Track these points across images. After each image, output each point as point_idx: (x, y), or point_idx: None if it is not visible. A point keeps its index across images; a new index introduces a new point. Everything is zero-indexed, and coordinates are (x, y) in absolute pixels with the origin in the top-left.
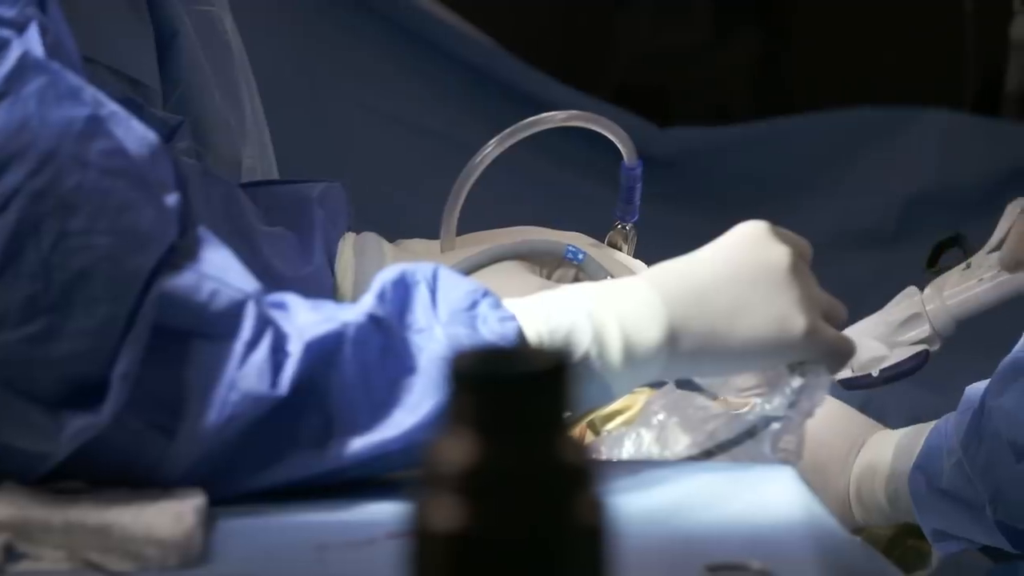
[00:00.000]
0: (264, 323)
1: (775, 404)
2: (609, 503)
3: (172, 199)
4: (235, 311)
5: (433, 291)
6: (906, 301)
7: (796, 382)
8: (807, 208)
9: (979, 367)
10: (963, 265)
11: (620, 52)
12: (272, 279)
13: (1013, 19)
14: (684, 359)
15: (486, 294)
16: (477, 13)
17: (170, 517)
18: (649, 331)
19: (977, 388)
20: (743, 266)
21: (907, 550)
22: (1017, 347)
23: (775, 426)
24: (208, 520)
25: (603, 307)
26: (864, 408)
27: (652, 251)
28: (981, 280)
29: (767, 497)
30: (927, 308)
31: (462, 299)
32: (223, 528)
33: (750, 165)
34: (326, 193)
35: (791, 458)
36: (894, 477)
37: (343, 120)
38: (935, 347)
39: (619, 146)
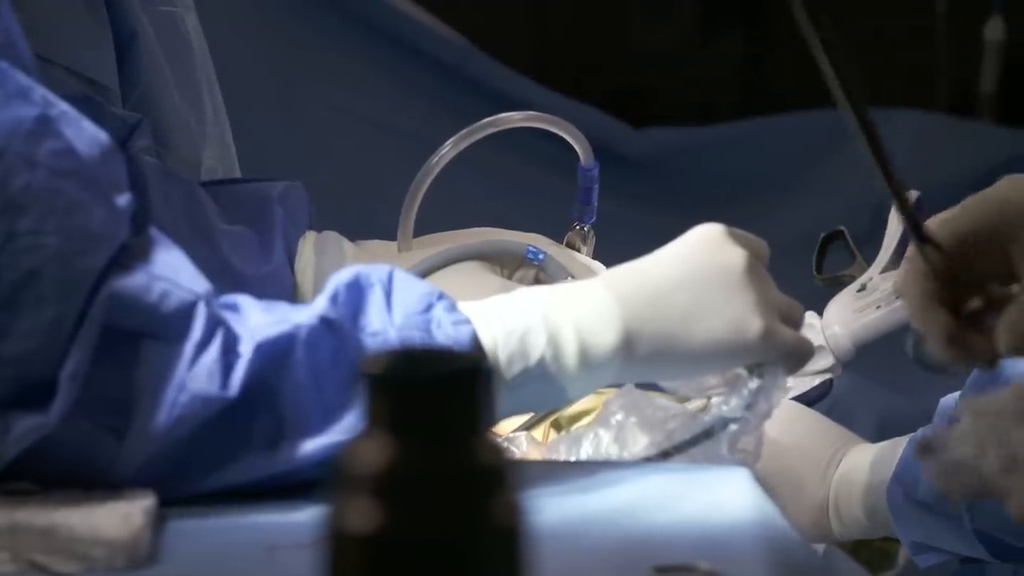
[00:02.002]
0: (215, 324)
1: (732, 405)
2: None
3: (123, 200)
4: (186, 312)
5: (388, 293)
6: (807, 333)
7: (753, 384)
8: (780, 209)
9: None
10: (857, 286)
11: (606, 53)
12: (231, 277)
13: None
14: (640, 362)
15: (441, 297)
16: (461, 15)
17: (118, 518)
18: (605, 334)
19: (951, 398)
20: (699, 269)
21: (874, 551)
22: None
23: (732, 427)
24: (158, 521)
25: (558, 310)
26: (830, 412)
27: (624, 252)
28: (879, 307)
29: (720, 498)
30: (827, 336)
31: (417, 302)
32: (173, 529)
33: (723, 166)
34: (287, 192)
35: (749, 459)
36: (871, 491)
37: (314, 120)
38: (838, 374)
39: (576, 147)
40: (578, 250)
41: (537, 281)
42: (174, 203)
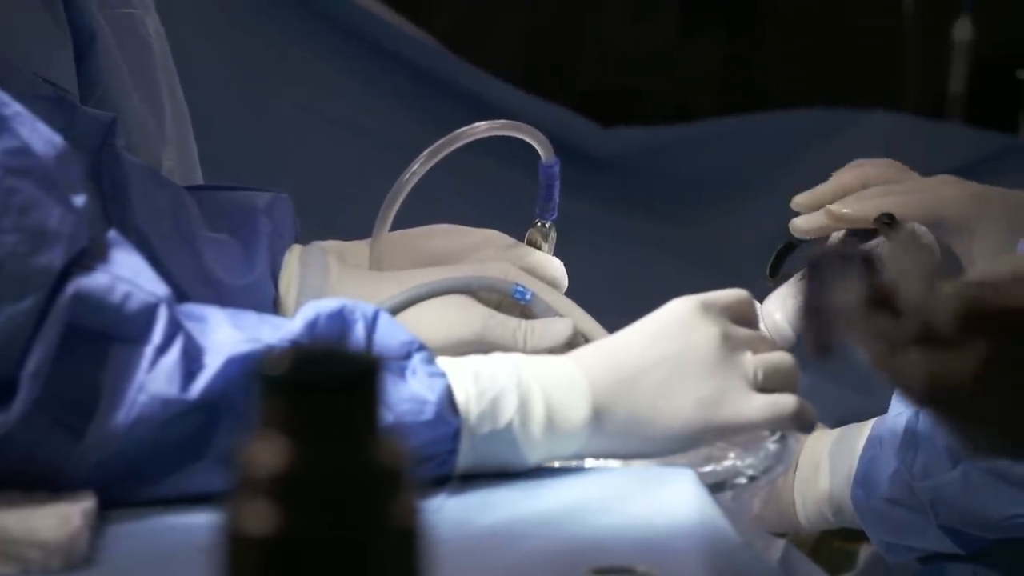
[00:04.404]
0: (175, 327)
1: (747, 462)
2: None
3: (80, 200)
4: (148, 313)
5: (370, 333)
6: None
7: (773, 446)
8: (747, 210)
9: None
10: (799, 275)
11: (587, 53)
12: (210, 285)
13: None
14: (605, 438)
15: (421, 348)
16: (440, 16)
17: (56, 519)
18: (573, 410)
19: None
20: (670, 350)
21: (834, 551)
22: None
23: (741, 480)
24: (99, 523)
25: (531, 380)
26: None
27: (593, 252)
28: None
29: (663, 500)
30: (767, 324)
31: (397, 347)
32: (113, 531)
33: (693, 165)
34: (273, 203)
35: (755, 503)
36: (834, 494)
37: (280, 120)
38: None
39: (536, 146)
40: (539, 247)
41: (522, 314)
42: (158, 205)
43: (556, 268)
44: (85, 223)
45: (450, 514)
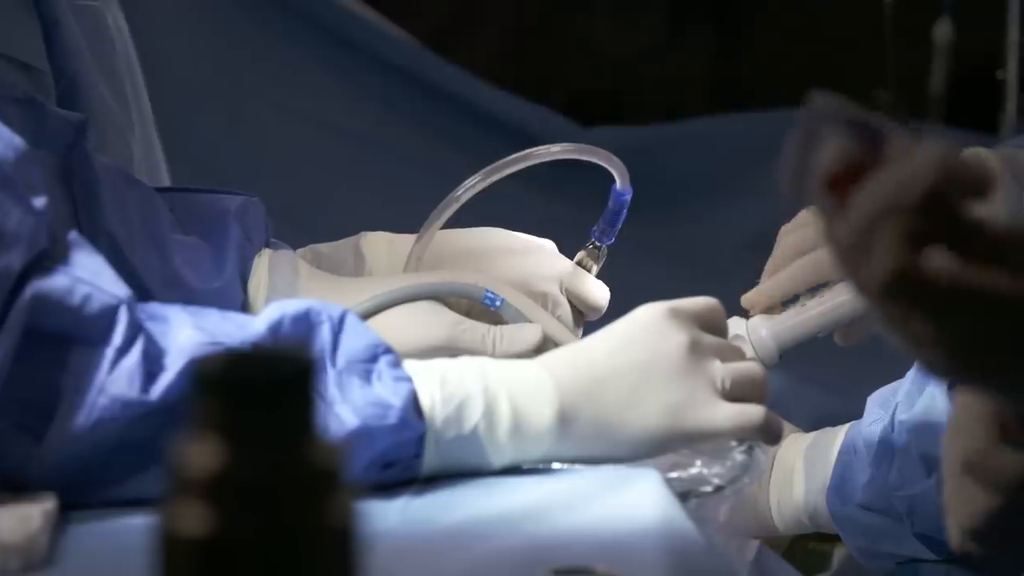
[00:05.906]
0: (136, 329)
1: (713, 471)
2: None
3: (40, 202)
4: (108, 315)
5: (336, 334)
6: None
7: (740, 456)
8: (727, 209)
9: (880, 369)
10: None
11: (574, 53)
12: (179, 289)
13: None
14: (572, 443)
15: (387, 351)
16: (427, 17)
17: (15, 520)
18: (539, 416)
19: (881, 394)
20: (637, 356)
21: (808, 552)
22: None
23: (707, 489)
24: (62, 523)
25: (498, 385)
26: None
27: (574, 252)
28: (804, 307)
29: (627, 501)
30: (752, 340)
31: (363, 350)
32: (74, 531)
33: (674, 166)
34: (245, 208)
35: (716, 515)
36: (810, 502)
37: (263, 122)
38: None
39: (613, 173)
40: (589, 270)
41: (493, 320)
42: (128, 207)
43: (602, 297)
44: (45, 225)
45: (411, 512)
